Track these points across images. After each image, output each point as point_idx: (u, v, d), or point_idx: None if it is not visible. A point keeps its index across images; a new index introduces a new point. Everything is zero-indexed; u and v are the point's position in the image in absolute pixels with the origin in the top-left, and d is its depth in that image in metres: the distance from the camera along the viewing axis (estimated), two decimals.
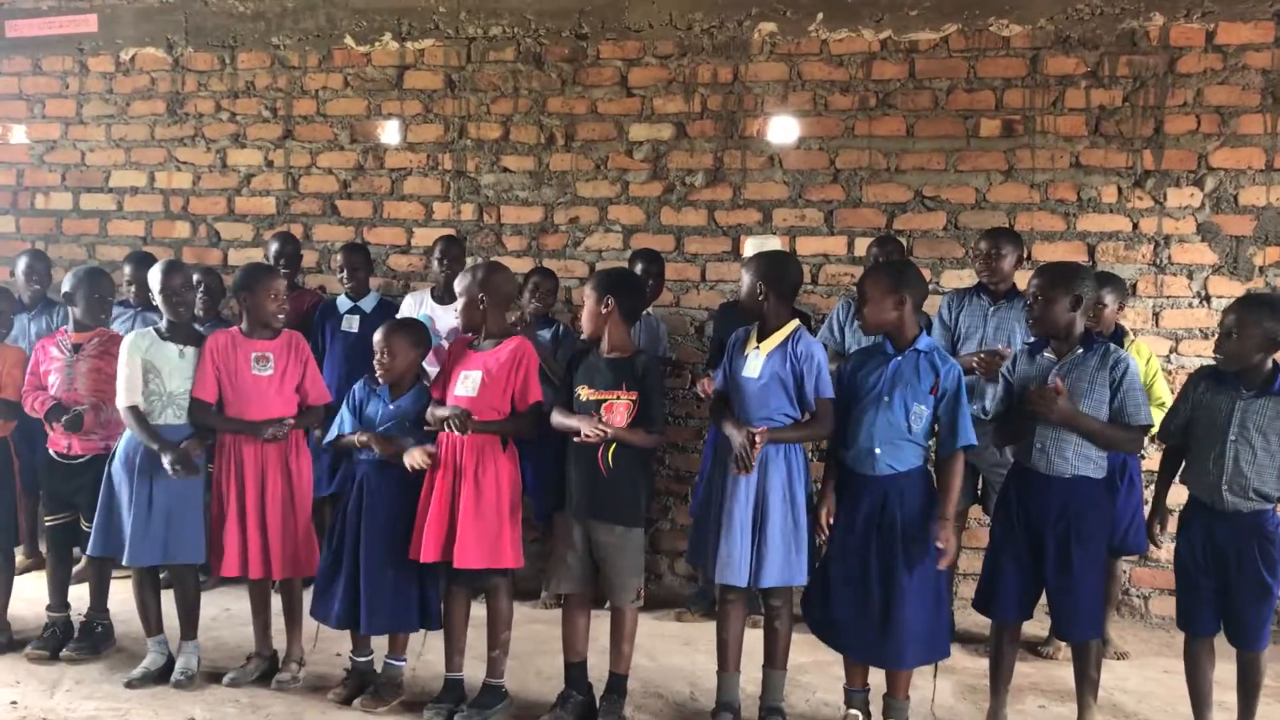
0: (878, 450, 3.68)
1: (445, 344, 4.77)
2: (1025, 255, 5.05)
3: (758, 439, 3.70)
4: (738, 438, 3.76)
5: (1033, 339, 3.94)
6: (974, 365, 4.43)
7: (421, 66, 6.05)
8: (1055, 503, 3.71)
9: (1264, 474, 3.61)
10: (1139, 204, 5.33)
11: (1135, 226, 5.35)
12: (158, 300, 4.31)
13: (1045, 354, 3.81)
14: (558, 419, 3.95)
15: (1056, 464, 3.71)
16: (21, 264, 5.42)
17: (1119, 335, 4.67)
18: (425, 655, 4.39)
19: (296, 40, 6.17)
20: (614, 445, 3.85)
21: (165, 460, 4.11)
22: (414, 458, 3.98)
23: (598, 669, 4.12)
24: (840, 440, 3.81)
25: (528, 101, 5.92)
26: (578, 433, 3.83)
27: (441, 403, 4.03)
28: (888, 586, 3.65)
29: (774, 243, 5.24)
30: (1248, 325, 3.62)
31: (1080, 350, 3.74)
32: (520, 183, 5.96)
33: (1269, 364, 3.67)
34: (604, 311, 3.93)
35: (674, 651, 4.80)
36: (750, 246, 5.16)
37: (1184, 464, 3.86)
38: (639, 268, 5.21)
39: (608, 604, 4.05)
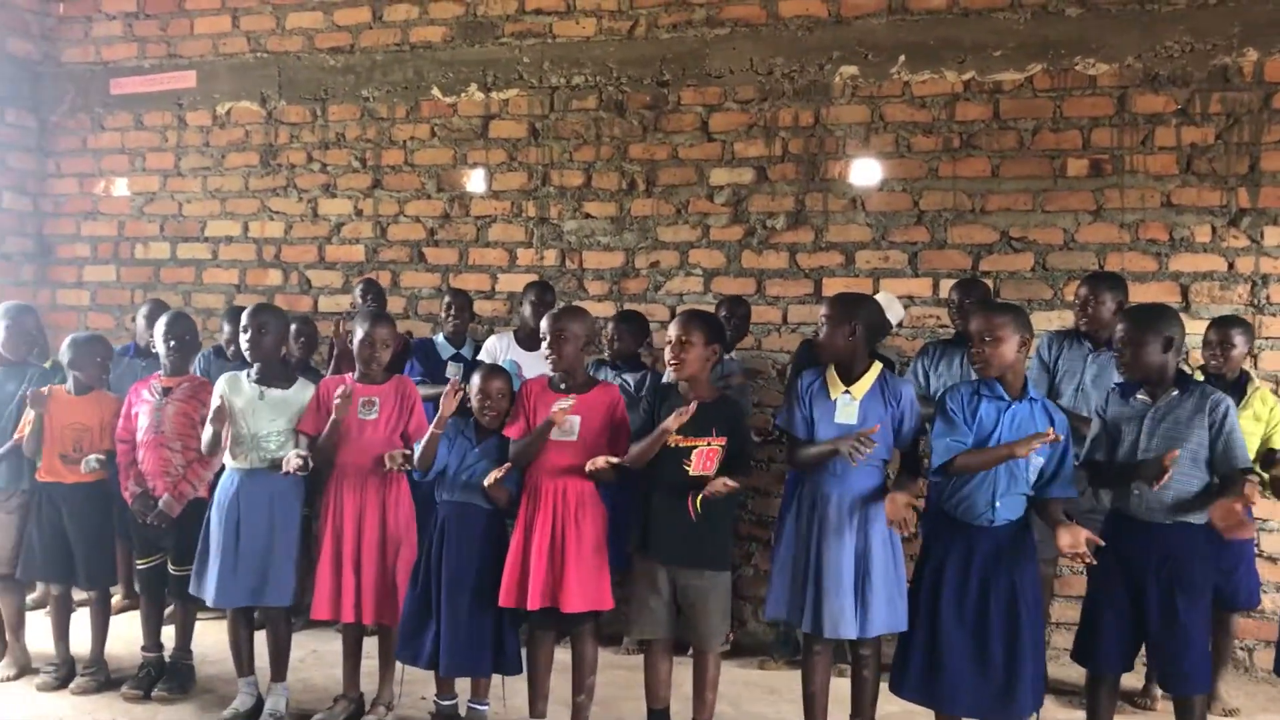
0: (998, 504, 3.59)
1: None
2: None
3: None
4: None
5: (1119, 380, 3.83)
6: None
7: (506, 116, 6.16)
8: (1156, 551, 3.59)
9: None
10: (1234, 243, 5.18)
11: (1231, 266, 5.20)
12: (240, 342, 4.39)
13: (1139, 395, 3.69)
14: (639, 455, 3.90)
15: (1156, 510, 3.60)
16: (142, 311, 5.62)
17: (1242, 380, 4.47)
18: (510, 699, 4.37)
19: (385, 92, 6.32)
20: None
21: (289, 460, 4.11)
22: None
23: (680, 716, 4.07)
24: (946, 488, 3.69)
25: (609, 148, 5.99)
26: (683, 494, 3.80)
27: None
28: (1011, 639, 3.55)
29: (896, 305, 5.26)
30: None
31: (1175, 393, 3.63)
32: (602, 228, 6.02)
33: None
34: (709, 357, 3.92)
35: (758, 700, 4.73)
36: (883, 298, 5.12)
37: None
38: (723, 313, 5.18)
39: (689, 650, 4.01)
